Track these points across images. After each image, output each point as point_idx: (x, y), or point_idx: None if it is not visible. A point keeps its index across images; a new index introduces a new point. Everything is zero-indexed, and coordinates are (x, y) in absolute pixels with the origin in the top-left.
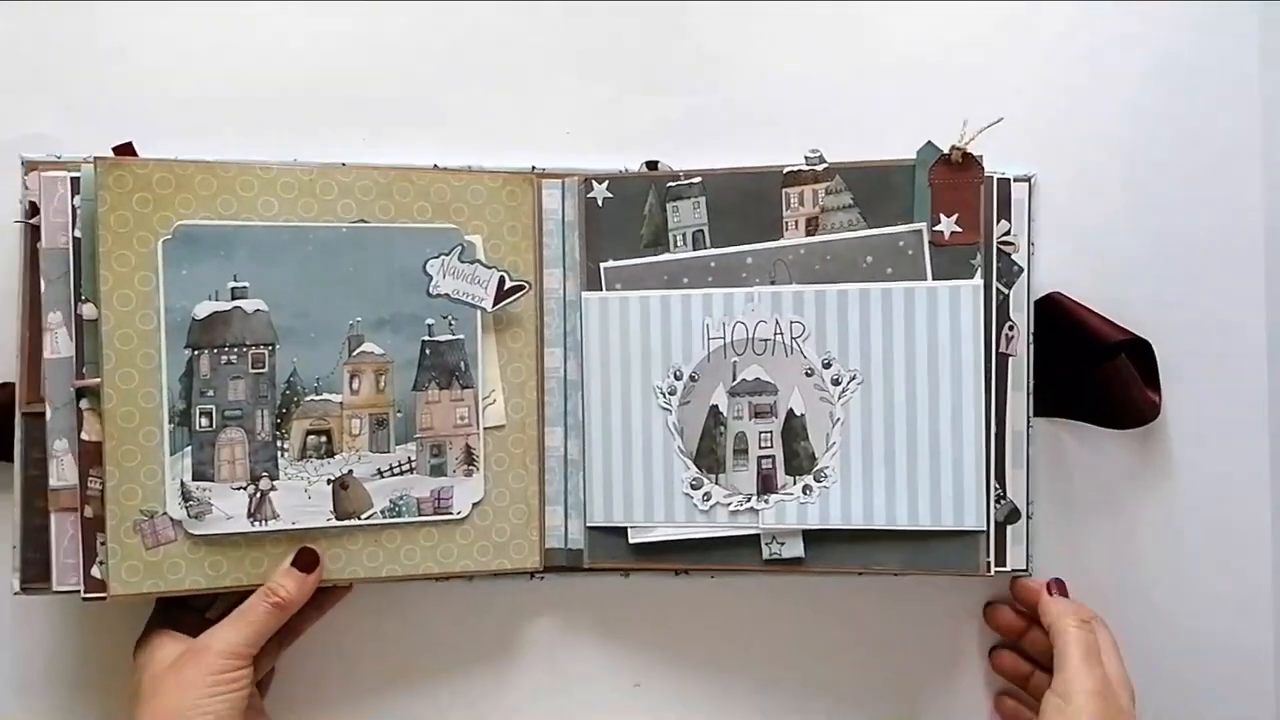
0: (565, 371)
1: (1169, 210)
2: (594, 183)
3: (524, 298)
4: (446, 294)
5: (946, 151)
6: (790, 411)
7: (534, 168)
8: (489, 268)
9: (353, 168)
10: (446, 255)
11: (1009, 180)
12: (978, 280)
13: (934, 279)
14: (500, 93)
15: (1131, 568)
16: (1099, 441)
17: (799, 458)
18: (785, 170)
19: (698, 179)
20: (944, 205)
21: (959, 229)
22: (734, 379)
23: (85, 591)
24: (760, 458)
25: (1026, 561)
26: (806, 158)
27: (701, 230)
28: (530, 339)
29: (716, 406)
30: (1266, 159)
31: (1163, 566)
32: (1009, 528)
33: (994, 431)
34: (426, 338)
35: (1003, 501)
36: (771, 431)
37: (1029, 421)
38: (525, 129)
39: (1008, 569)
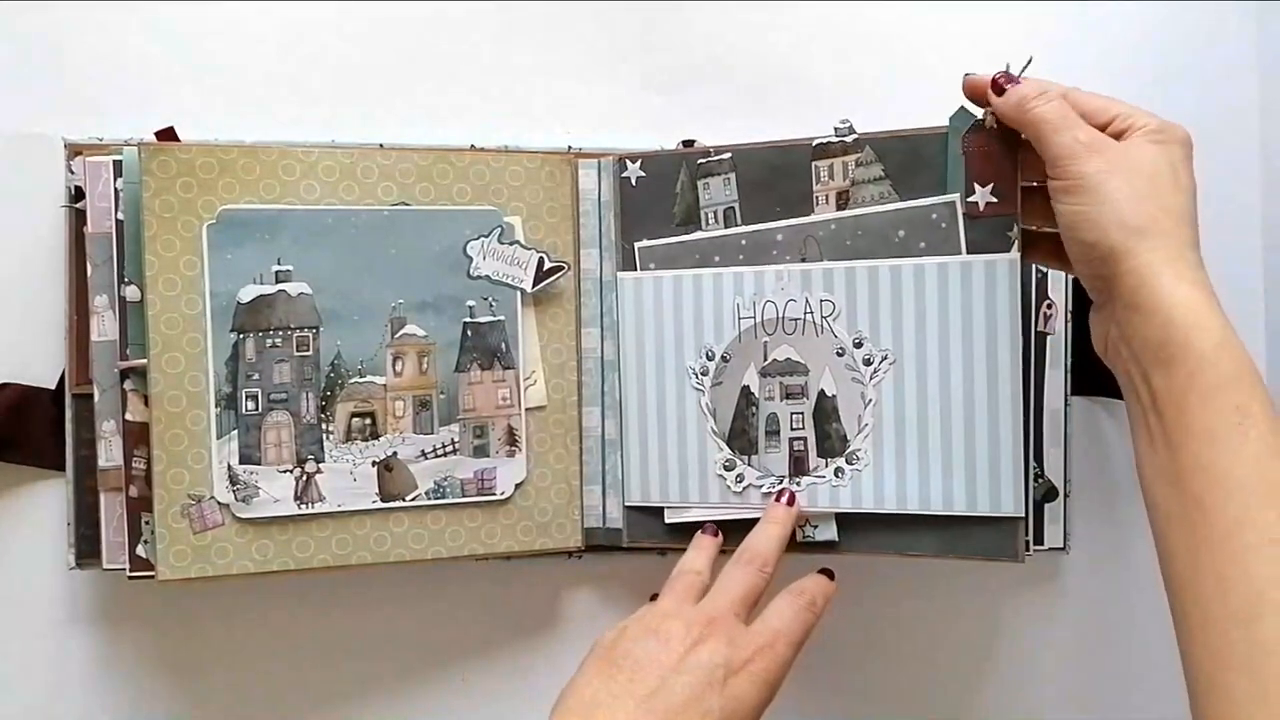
0: (602, 352)
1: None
2: (628, 162)
3: (563, 278)
4: (487, 275)
5: (980, 117)
6: (821, 392)
7: (570, 148)
8: (528, 249)
9: (391, 150)
10: (486, 237)
11: None
12: (1014, 254)
13: (968, 253)
14: (536, 74)
15: None
16: None
17: (831, 439)
18: (815, 143)
19: (727, 155)
20: (978, 175)
21: (994, 199)
22: (765, 359)
23: (130, 570)
24: (792, 439)
25: (1064, 540)
26: (836, 129)
27: (732, 207)
28: (570, 319)
29: (748, 387)
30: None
31: None
32: (1046, 506)
33: (1032, 410)
34: (468, 319)
35: (1040, 480)
36: (803, 413)
37: (1067, 400)
38: (561, 109)
39: (1045, 548)
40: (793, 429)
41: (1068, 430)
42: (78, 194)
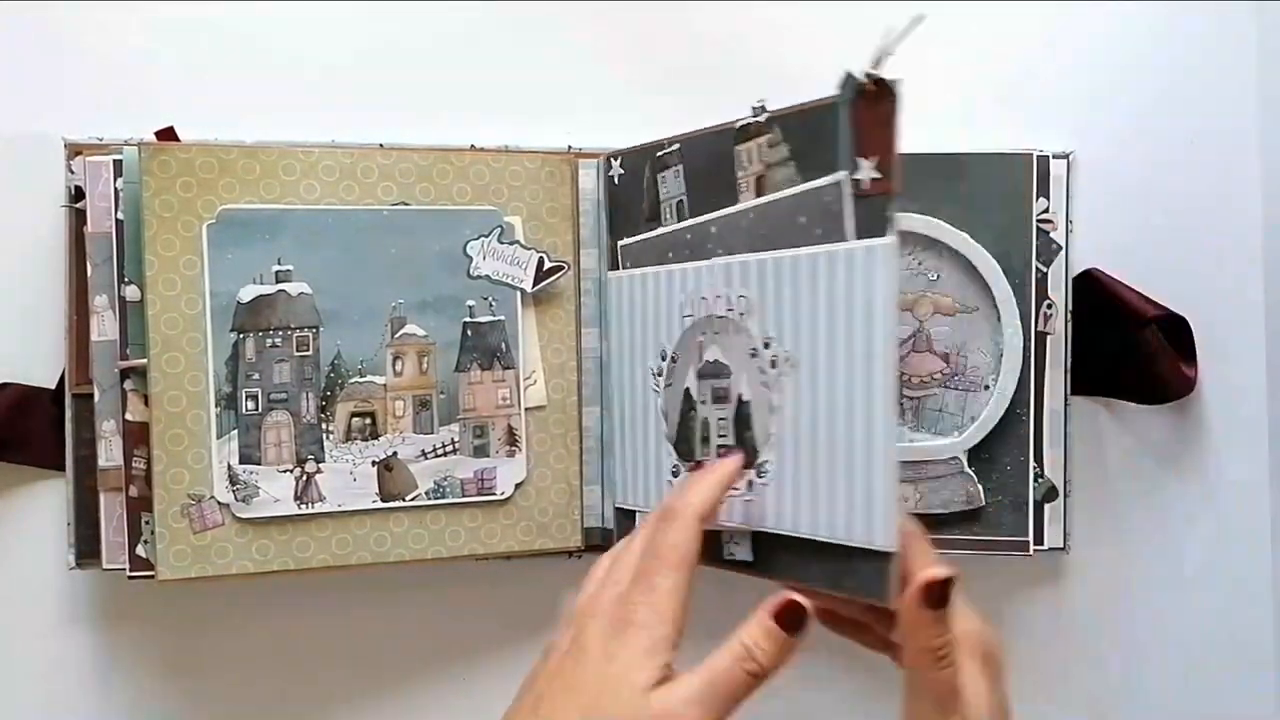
0: (602, 352)
1: (1211, 186)
2: (611, 160)
3: (563, 278)
4: (487, 275)
5: (863, 79)
6: (739, 396)
7: (570, 147)
8: (528, 249)
9: (391, 149)
10: (486, 236)
11: (1048, 158)
12: (890, 238)
13: (857, 238)
14: (536, 74)
15: (1167, 546)
16: (1137, 419)
17: (746, 448)
18: (738, 125)
19: (676, 145)
20: (863, 147)
21: (878, 175)
22: (699, 360)
23: (130, 570)
24: (719, 447)
25: (1064, 540)
26: (752, 108)
27: (682, 200)
28: (570, 319)
29: (689, 389)
30: None
31: (1199, 545)
32: (1046, 506)
33: (1032, 410)
34: (468, 319)
35: (1040, 480)
36: (726, 418)
37: (1066, 400)
38: (561, 109)
39: (1045, 547)
40: (719, 436)
41: (1067, 430)
42: (78, 193)
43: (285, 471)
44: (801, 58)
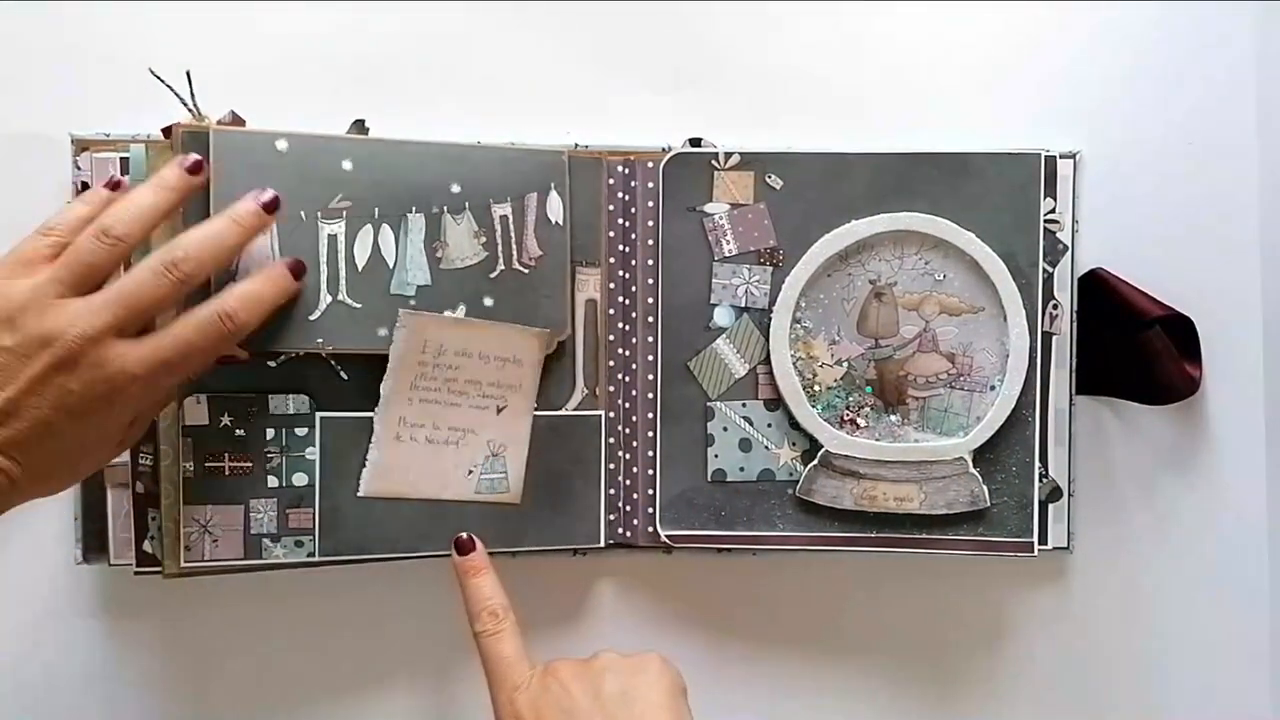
0: None
1: (1216, 187)
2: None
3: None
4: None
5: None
6: None
7: (576, 145)
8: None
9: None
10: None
11: (1055, 157)
12: None
13: None
14: (537, 74)
15: (1170, 546)
16: (1141, 419)
17: None
18: None
19: None
20: None
21: None
22: None
23: (137, 566)
24: None
25: (1068, 540)
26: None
27: None
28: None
29: None
30: None
31: (1201, 545)
32: (1050, 506)
33: (1037, 409)
34: None
35: (1045, 480)
36: None
37: (1071, 399)
38: (563, 109)
39: (1049, 547)
40: None
41: (1072, 430)
42: (84, 190)
43: None
44: (805, 58)
